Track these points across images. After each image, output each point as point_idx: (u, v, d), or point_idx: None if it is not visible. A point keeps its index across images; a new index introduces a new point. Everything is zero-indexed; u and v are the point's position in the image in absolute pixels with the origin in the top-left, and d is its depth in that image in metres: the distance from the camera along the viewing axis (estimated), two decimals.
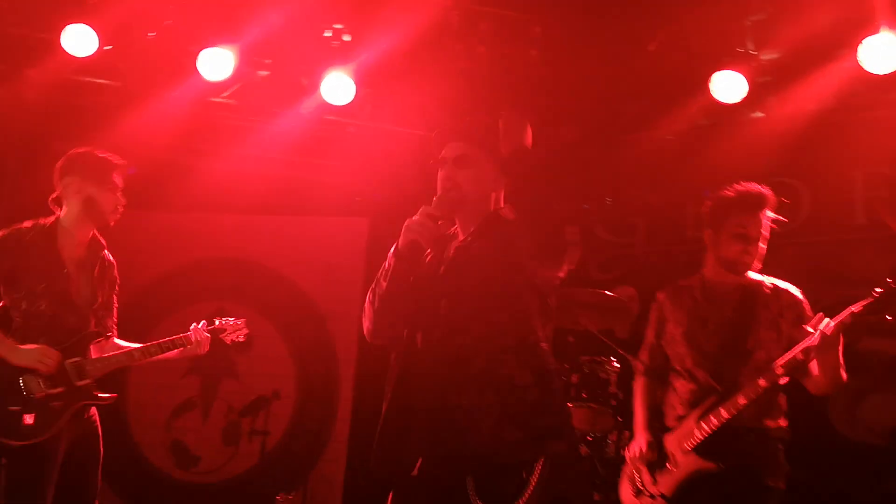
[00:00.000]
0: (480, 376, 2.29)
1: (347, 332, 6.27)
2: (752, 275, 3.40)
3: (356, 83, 5.10)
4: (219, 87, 5.37)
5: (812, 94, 4.90)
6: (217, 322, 3.71)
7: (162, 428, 6.22)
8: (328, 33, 5.00)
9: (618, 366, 4.74)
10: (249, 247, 6.47)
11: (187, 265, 6.47)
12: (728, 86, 4.83)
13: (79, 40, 4.82)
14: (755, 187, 3.35)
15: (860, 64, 4.41)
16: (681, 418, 3.32)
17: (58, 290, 3.26)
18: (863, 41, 4.33)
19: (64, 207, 3.38)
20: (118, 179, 3.41)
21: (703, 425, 3.19)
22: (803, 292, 3.44)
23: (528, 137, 2.57)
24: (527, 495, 2.21)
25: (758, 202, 3.31)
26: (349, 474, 6.01)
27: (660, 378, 3.53)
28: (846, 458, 5.01)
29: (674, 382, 3.43)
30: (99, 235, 3.47)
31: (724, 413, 3.15)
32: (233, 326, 3.72)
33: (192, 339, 3.50)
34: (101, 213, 3.36)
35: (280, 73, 5.41)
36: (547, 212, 2.40)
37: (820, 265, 5.52)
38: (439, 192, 2.52)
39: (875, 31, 4.27)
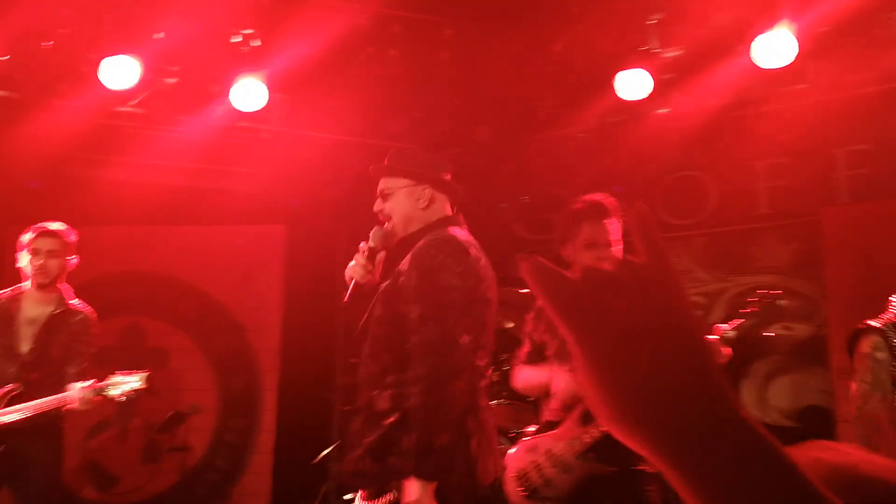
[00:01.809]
0: (366, 408, 2.58)
1: (269, 342, 6.18)
2: None
3: (268, 88, 5.03)
4: (124, 95, 5.22)
5: (713, 89, 5.09)
6: (108, 378, 3.63)
7: (77, 449, 6.00)
8: (237, 38, 4.92)
9: None
10: (162, 259, 6.30)
11: (97, 279, 6.24)
12: (633, 83, 4.97)
13: None
14: (598, 197, 3.34)
15: (753, 60, 4.61)
16: (558, 421, 3.28)
17: (6, 344, 3.79)
18: (755, 38, 4.52)
19: None
20: (39, 245, 3.90)
21: (592, 430, 3.15)
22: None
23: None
24: None
25: (601, 211, 3.28)
26: (276, 486, 5.93)
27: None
28: None
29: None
30: (64, 293, 3.89)
31: None
32: (122, 382, 3.62)
33: (75, 400, 3.63)
34: (31, 276, 3.85)
35: (188, 80, 5.29)
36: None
37: (727, 253, 5.75)
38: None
39: (767, 27, 4.47)
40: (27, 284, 3.89)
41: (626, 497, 3.16)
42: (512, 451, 3.45)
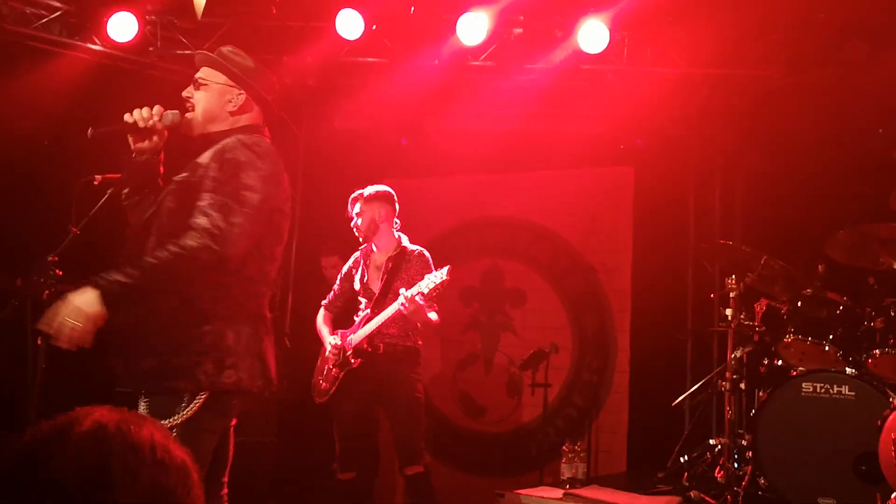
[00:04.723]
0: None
1: (620, 283, 6.20)
2: None
3: (611, 28, 4.96)
4: (476, 50, 5.50)
5: None
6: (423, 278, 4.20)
7: (449, 380, 6.61)
8: None
9: None
10: (517, 204, 6.60)
11: (461, 225, 6.74)
12: None
13: (348, 24, 5.20)
14: None
15: None
16: None
17: (365, 286, 4.57)
18: None
19: None
20: (350, 210, 4.56)
21: None
22: None
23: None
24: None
25: None
26: (632, 425, 5.98)
27: None
28: None
29: None
30: (400, 240, 4.59)
31: None
32: (432, 278, 4.13)
33: (403, 306, 4.19)
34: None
35: (534, 28, 5.41)
36: None
37: None
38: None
39: None
40: None
41: None
42: None
